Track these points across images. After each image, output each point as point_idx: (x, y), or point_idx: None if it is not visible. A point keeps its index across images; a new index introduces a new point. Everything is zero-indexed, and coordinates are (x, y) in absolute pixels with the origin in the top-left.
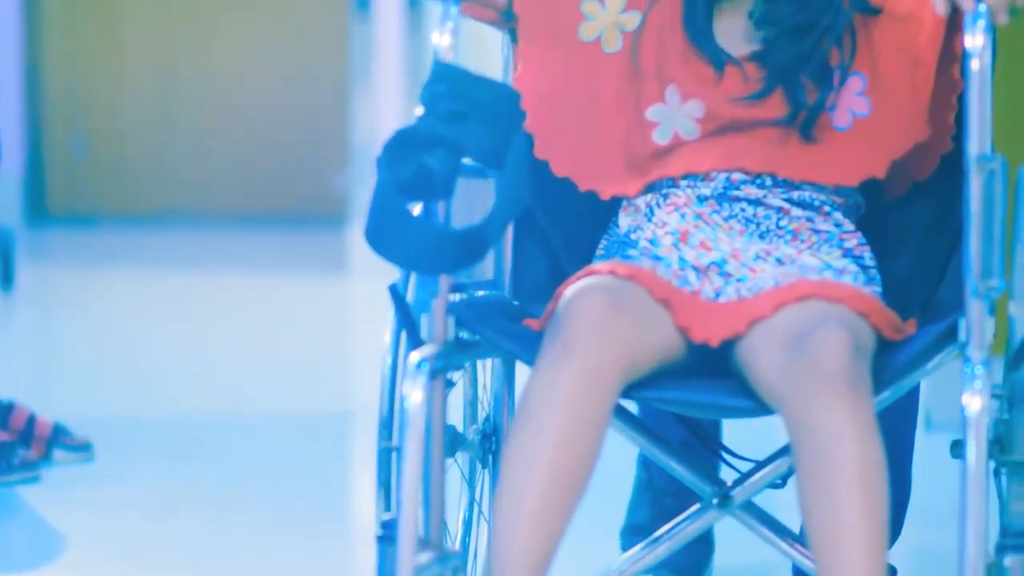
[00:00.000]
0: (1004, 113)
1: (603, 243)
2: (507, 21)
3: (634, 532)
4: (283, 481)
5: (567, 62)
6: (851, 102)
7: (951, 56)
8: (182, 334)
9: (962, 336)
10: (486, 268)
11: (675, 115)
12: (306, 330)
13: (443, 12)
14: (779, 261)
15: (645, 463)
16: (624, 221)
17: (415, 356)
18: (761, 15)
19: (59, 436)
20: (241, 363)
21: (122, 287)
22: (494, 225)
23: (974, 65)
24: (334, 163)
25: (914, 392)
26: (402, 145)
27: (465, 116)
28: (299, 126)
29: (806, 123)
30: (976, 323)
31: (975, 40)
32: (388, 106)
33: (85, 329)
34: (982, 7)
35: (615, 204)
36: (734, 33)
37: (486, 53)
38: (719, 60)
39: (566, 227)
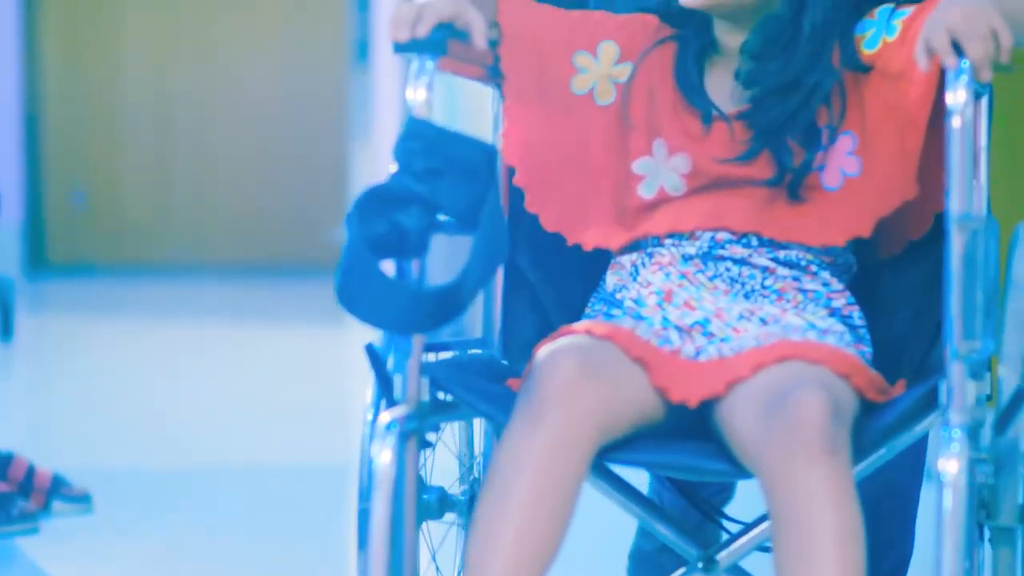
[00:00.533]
0: (1004, 173)
1: (592, 301)
2: (494, 77)
3: (640, 559)
4: (281, 534)
5: (559, 116)
6: (841, 162)
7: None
8: (181, 385)
9: (942, 399)
10: (475, 327)
11: (661, 169)
12: (304, 381)
13: (418, 67)
14: (763, 321)
15: (656, 491)
16: (611, 280)
17: (385, 417)
18: (747, 74)
19: (58, 487)
20: (240, 414)
21: (121, 337)
22: (469, 284)
23: (955, 123)
24: (332, 215)
25: (920, 445)
26: (374, 202)
27: (440, 173)
28: (298, 178)
29: (792, 184)
30: (957, 386)
31: (956, 97)
32: (386, 159)
33: (84, 380)
34: (964, 63)
35: (605, 262)
36: (723, 90)
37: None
38: (707, 113)
39: (556, 285)
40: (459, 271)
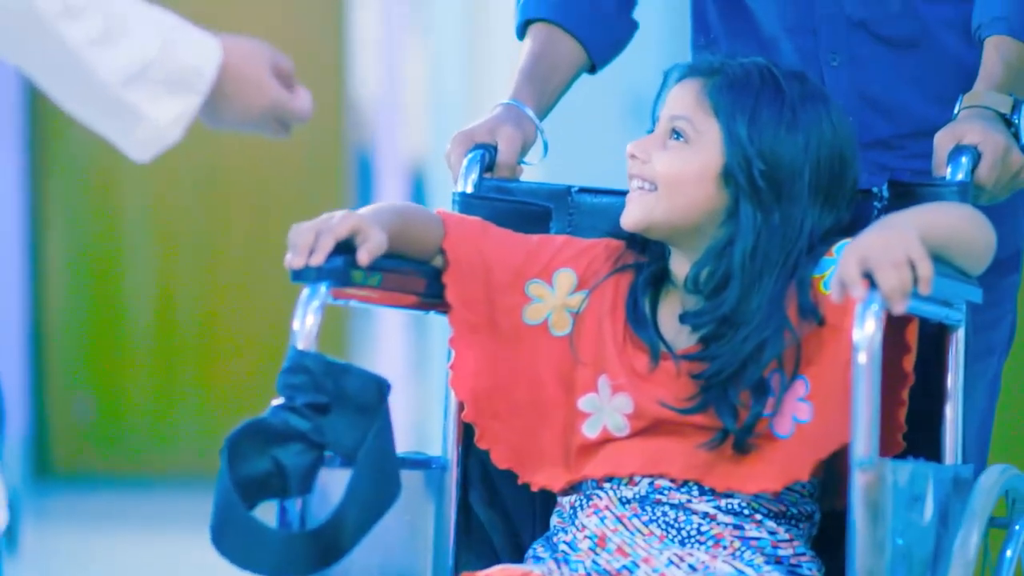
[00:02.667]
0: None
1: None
2: (429, 300)
3: None
4: None
5: (510, 348)
6: (793, 407)
7: (903, 347)
8: None
9: None
10: (425, 567)
11: (605, 408)
12: None
13: (309, 294)
14: (692, 568)
15: None
16: (553, 521)
17: None
18: (692, 315)
19: None
20: None
21: (128, 551)
22: (348, 526)
23: (861, 358)
24: None
25: None
26: (253, 438)
27: (326, 408)
28: None
29: (738, 440)
30: None
31: (864, 331)
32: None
33: None
34: (876, 295)
35: (555, 501)
36: (676, 324)
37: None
38: (655, 350)
39: (508, 524)
40: (332, 512)
